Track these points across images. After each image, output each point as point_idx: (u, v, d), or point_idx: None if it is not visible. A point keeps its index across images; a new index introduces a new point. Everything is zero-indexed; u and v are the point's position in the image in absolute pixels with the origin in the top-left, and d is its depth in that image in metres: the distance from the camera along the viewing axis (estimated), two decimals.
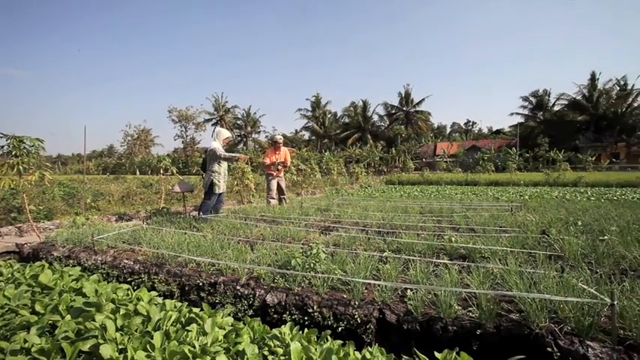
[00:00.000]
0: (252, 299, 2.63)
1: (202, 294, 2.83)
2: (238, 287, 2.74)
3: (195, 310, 1.94)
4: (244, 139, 57.25)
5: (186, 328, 1.71)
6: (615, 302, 1.77)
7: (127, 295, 2.16)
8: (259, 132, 58.54)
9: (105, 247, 3.96)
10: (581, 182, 15.55)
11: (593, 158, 34.20)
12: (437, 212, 5.90)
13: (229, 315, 2.30)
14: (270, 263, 3.08)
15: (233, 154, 6.04)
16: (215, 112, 54.11)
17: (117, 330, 1.54)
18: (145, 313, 1.72)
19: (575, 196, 9.55)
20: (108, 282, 2.86)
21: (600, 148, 42.47)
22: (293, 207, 6.91)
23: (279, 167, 7.59)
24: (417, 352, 1.58)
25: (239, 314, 2.58)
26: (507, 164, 23.92)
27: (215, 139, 5.95)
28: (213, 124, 52.80)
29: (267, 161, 7.63)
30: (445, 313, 2.10)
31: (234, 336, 1.71)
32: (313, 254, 2.93)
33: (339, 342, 1.76)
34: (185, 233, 4.18)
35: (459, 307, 2.16)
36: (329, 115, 57.07)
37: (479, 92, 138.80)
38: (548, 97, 49.14)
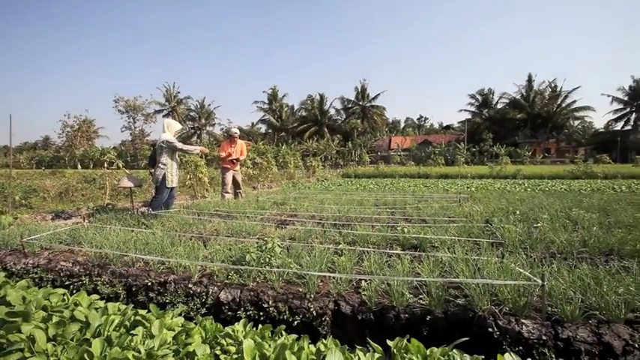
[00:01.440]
0: (204, 297, 2.54)
1: (151, 294, 2.68)
2: (190, 285, 2.63)
3: (142, 312, 1.83)
4: (198, 132, 55.01)
5: (132, 332, 1.60)
6: (545, 283, 1.94)
7: (63, 300, 1.97)
8: (214, 124, 56.57)
9: (38, 248, 3.60)
10: (520, 175, 16.96)
11: (530, 153, 37.40)
12: (391, 204, 6.09)
13: (180, 315, 2.20)
14: (224, 259, 2.99)
15: (191, 147, 5.79)
16: (166, 103, 51.30)
17: (49, 340, 1.39)
18: (84, 319, 1.58)
19: (514, 188, 10.35)
20: (40, 287, 2.60)
21: (535, 143, 46.44)
22: (249, 201, 6.77)
23: (235, 160, 7.40)
24: (370, 341, 1.62)
25: (191, 313, 2.48)
26: (456, 158, 25.42)
27: (166, 131, 5.63)
28: (164, 116, 50.04)
29: (223, 154, 7.40)
30: (397, 301, 2.17)
31: (184, 337, 1.63)
32: (268, 249, 2.89)
33: (294, 336, 1.75)
34: (132, 231, 3.93)
35: (411, 296, 2.24)
36: (286, 109, 56.59)
37: (431, 89, 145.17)
38: (492, 95, 52.80)
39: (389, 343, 1.58)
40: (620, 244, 3.12)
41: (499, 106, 52.01)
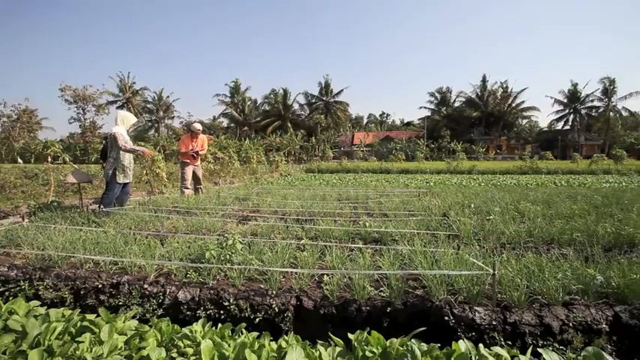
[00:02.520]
0: (161, 297, 2.43)
1: (102, 297, 2.52)
2: (146, 286, 2.50)
3: (91, 316, 1.70)
4: (156, 125, 52.38)
5: (78, 339, 1.49)
6: (496, 272, 2.06)
7: None
8: (173, 117, 54.02)
9: None
10: (475, 170, 17.95)
11: (484, 149, 39.68)
12: (353, 199, 6.18)
13: (134, 318, 2.08)
14: (182, 257, 2.88)
15: (136, 148, 5.38)
16: (120, 94, 48.21)
17: None
18: (20, 329, 1.44)
19: (469, 182, 10.91)
20: None
21: (489, 141, 49.25)
22: (210, 197, 6.58)
23: (195, 154, 7.14)
24: (332, 336, 1.62)
25: (147, 315, 2.36)
26: (416, 154, 26.39)
27: (118, 124, 5.26)
28: (118, 107, 47.02)
29: (183, 149, 7.11)
30: (359, 295, 2.21)
31: (137, 341, 1.55)
32: (229, 245, 2.82)
33: (255, 334, 1.72)
34: (81, 230, 3.66)
35: (372, 288, 2.29)
36: (249, 102, 55.43)
37: (394, 86, 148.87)
38: (450, 94, 55.19)
39: (350, 336, 1.59)
40: (560, 233, 3.39)
41: (456, 104, 54.54)
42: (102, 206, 4.98)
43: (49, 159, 8.15)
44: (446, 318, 2.01)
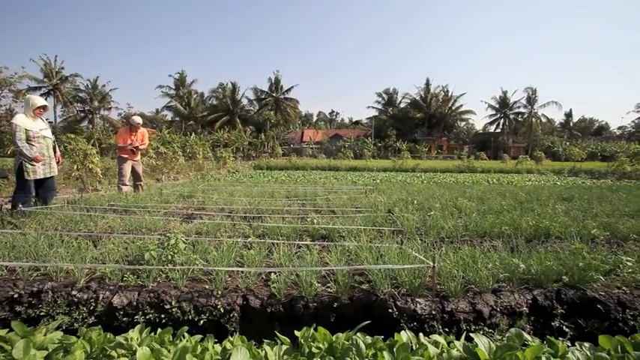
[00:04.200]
0: (93, 304, 2.22)
1: (19, 308, 2.24)
2: (74, 292, 2.28)
3: (2, 332, 1.50)
4: (90, 116, 47.85)
5: None
6: (435, 264, 2.19)
7: None
8: (110, 108, 49.67)
9: None
10: (418, 168, 18.99)
11: (426, 149, 42.02)
12: (302, 196, 6.19)
13: (59, 328, 1.88)
14: (118, 259, 2.66)
15: (24, 152, 4.37)
16: (46, 80, 43.22)
17: None
18: None
19: (413, 180, 11.49)
20: None
21: (431, 141, 52.24)
22: (151, 194, 6.18)
23: (135, 149, 6.66)
24: (278, 334, 1.60)
25: (75, 325, 2.15)
26: (364, 152, 27.16)
27: (24, 111, 4.52)
28: (43, 94, 42.13)
29: (121, 143, 6.59)
30: (306, 291, 2.21)
31: (61, 355, 1.39)
32: (171, 245, 2.67)
33: (198, 337, 1.64)
34: None
35: (319, 285, 2.31)
36: (195, 96, 52.89)
37: (343, 85, 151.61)
38: (396, 95, 57.60)
39: (297, 333, 1.59)
40: (491, 227, 3.70)
41: (402, 105, 57.05)
42: (15, 207, 4.34)
43: None
44: (390, 310, 2.09)
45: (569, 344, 1.57)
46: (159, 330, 1.63)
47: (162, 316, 2.18)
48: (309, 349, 1.46)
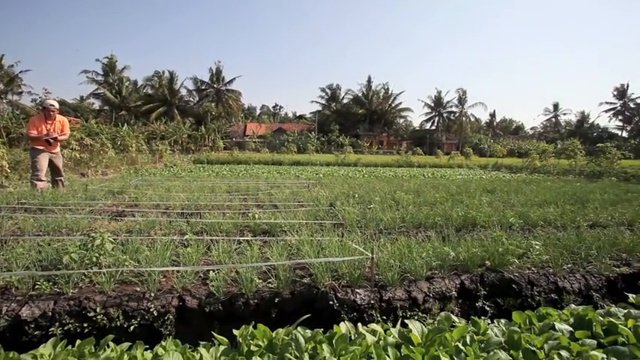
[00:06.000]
0: None
1: None
2: None
3: None
4: None
5: None
6: (374, 256, 2.26)
7: None
8: (21, 92, 43.49)
9: None
10: (360, 163, 19.60)
11: (368, 144, 43.58)
12: (244, 191, 6.04)
13: None
14: (29, 265, 2.35)
15: None
16: None
17: None
18: None
19: (355, 174, 11.83)
20: None
21: (372, 136, 54.23)
22: (74, 190, 5.59)
23: (52, 140, 5.92)
24: (215, 334, 1.54)
25: None
26: (307, 146, 27.33)
27: None
28: None
29: (34, 133, 5.81)
30: (247, 288, 2.15)
31: None
32: (97, 246, 2.42)
33: (126, 345, 1.51)
34: None
35: (260, 281, 2.26)
36: (127, 83, 48.58)
37: (289, 78, 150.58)
38: (340, 91, 58.71)
39: (235, 332, 1.53)
40: (426, 218, 3.94)
41: (345, 101, 58.33)
42: None
43: None
44: (331, 302, 2.12)
45: (490, 322, 1.73)
46: (77, 342, 1.47)
47: (86, 325, 1.97)
48: (247, 348, 1.42)
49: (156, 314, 2.03)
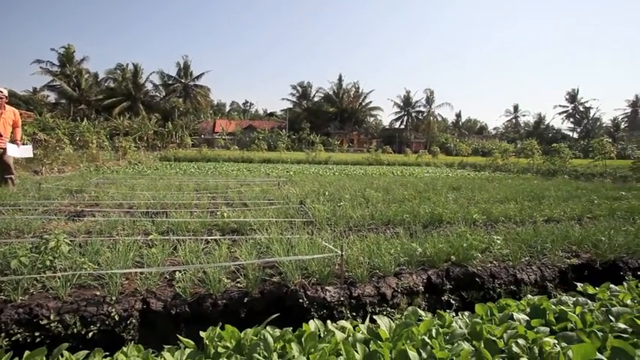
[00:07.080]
0: None
1: None
2: None
3: None
4: None
5: None
6: (343, 253, 2.28)
7: None
8: None
9: None
10: (330, 161, 19.73)
11: (339, 142, 43.92)
12: (212, 189, 5.91)
13: None
14: None
15: None
16: None
17: None
18: None
19: (326, 172, 11.87)
20: None
21: (343, 134, 54.69)
22: (26, 189, 5.22)
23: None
24: (180, 337, 1.49)
25: None
26: (278, 144, 27.14)
27: None
28: None
29: None
30: (215, 288, 2.10)
31: None
32: (51, 248, 2.28)
33: (83, 353, 1.43)
34: None
35: (229, 281, 2.22)
36: (87, 76, 45.93)
37: (259, 75, 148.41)
38: (311, 89, 58.68)
39: (201, 334, 1.49)
40: (394, 215, 4.03)
41: (316, 99, 58.40)
42: None
43: None
44: (301, 300, 2.11)
45: (455, 314, 1.80)
46: (26, 353, 1.36)
47: (37, 334, 1.84)
48: (214, 350, 1.38)
49: (117, 319, 1.94)
